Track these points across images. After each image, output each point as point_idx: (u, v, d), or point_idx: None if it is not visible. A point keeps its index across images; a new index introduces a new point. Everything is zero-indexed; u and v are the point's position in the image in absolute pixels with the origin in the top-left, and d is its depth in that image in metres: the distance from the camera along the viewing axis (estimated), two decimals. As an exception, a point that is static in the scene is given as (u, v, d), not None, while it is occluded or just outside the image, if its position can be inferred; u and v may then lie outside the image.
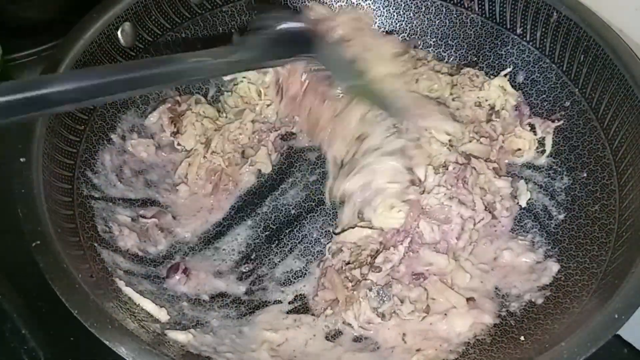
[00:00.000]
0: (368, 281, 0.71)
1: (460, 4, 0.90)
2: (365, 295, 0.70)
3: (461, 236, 0.75)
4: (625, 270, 0.61)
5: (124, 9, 0.80)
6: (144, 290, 0.70)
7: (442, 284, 0.73)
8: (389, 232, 0.75)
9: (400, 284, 0.72)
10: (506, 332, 0.69)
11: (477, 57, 0.90)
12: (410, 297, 0.72)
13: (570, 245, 0.75)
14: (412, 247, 0.75)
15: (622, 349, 0.75)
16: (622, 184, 0.72)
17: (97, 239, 0.70)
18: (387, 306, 0.70)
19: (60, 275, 0.58)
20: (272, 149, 0.87)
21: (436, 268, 0.74)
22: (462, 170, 0.77)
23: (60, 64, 0.74)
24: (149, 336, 0.61)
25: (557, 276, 0.73)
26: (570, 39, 0.80)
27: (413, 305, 0.71)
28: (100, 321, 0.55)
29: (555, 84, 0.83)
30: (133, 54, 0.83)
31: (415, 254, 0.75)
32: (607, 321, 0.57)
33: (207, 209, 0.81)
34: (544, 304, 0.70)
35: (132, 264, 0.73)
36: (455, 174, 0.77)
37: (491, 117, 0.86)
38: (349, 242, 0.77)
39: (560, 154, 0.82)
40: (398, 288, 0.72)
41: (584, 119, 0.79)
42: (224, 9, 0.91)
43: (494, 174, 0.80)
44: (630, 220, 0.68)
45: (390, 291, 0.71)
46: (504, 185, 0.80)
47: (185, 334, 0.65)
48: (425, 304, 0.71)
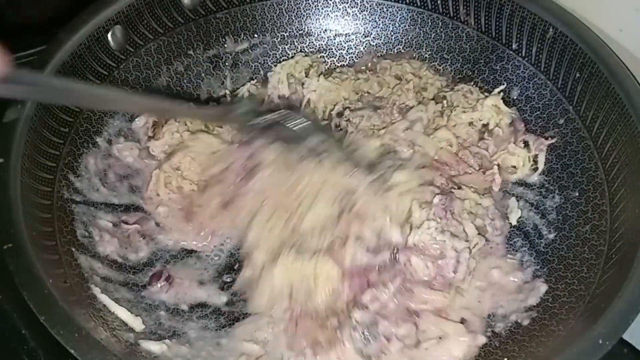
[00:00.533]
0: (352, 320, 0.67)
1: (456, 17, 0.89)
2: (349, 336, 0.66)
3: (458, 269, 0.72)
4: (613, 294, 0.60)
5: (116, 12, 0.80)
6: (121, 298, 0.69)
7: (436, 317, 0.69)
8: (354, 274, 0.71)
9: (387, 320, 0.68)
10: (490, 353, 0.67)
11: (472, 71, 0.89)
12: (398, 334, 0.67)
13: (559, 266, 0.73)
14: (405, 286, 0.70)
15: (622, 349, 0.73)
16: (613, 205, 0.70)
17: (75, 243, 0.69)
18: (374, 348, 0.66)
19: (29, 280, 0.57)
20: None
21: (432, 306, 0.70)
22: (448, 200, 0.75)
23: (46, 65, 0.73)
24: (119, 346, 0.59)
25: (544, 297, 0.71)
26: (566, 55, 0.79)
27: (402, 343, 0.67)
28: (67, 329, 0.54)
29: (550, 100, 0.82)
30: (123, 58, 0.82)
31: (409, 292, 0.70)
32: (592, 347, 0.55)
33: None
34: (529, 325, 0.68)
35: (111, 271, 0.71)
36: (443, 206, 0.74)
37: (483, 136, 0.85)
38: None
39: (553, 172, 0.81)
40: (384, 325, 0.67)
41: (577, 137, 0.78)
42: (218, 15, 0.90)
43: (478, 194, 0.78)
44: (620, 242, 0.66)
45: (376, 329, 0.66)
46: (490, 204, 0.78)
47: (159, 345, 0.64)
48: (415, 339, 0.67)
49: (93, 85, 0.77)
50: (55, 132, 0.73)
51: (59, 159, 0.73)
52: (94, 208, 0.75)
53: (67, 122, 0.75)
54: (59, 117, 0.73)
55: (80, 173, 0.75)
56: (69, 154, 0.74)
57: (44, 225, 0.66)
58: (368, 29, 0.94)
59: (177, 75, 0.89)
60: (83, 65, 0.77)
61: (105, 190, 0.78)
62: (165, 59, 0.87)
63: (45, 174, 0.70)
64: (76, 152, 0.76)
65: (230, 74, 0.93)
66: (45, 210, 0.68)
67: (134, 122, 0.84)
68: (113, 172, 0.80)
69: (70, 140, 0.75)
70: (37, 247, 0.61)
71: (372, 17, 0.94)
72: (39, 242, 0.62)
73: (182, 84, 0.90)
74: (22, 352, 0.71)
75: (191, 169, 0.81)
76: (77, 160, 0.75)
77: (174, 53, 0.88)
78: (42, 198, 0.68)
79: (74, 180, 0.74)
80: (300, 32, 0.94)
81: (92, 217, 0.74)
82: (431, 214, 0.74)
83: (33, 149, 0.68)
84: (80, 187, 0.75)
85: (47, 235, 0.65)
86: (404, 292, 0.70)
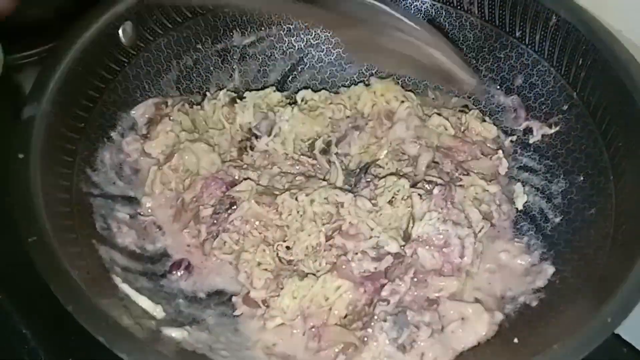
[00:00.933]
0: (379, 314, 0.68)
1: (459, 6, 0.90)
2: (380, 329, 0.68)
3: (464, 253, 0.73)
4: (620, 275, 0.61)
5: (126, 8, 0.81)
6: (141, 287, 0.70)
7: (453, 301, 0.72)
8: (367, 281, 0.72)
9: (412, 311, 0.70)
10: (499, 334, 0.69)
11: (476, 59, 0.90)
12: (424, 321, 0.69)
13: (566, 249, 0.75)
14: (418, 277, 0.72)
15: (621, 349, 0.75)
16: (618, 188, 0.71)
17: (94, 235, 0.71)
18: (406, 335, 0.67)
19: (56, 272, 0.58)
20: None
21: (447, 292, 0.72)
22: (447, 190, 0.76)
23: (60, 62, 0.74)
24: (143, 333, 0.61)
25: (552, 279, 0.73)
26: (569, 42, 0.80)
27: (430, 329, 0.68)
28: (95, 318, 0.56)
29: (554, 87, 0.83)
30: (134, 53, 0.83)
31: (423, 282, 0.72)
32: (601, 325, 0.57)
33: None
34: (538, 306, 0.70)
35: (130, 261, 0.73)
36: (443, 196, 0.75)
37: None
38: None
39: (558, 157, 0.82)
40: (410, 314, 0.69)
41: (581, 122, 0.79)
42: (226, 9, 0.91)
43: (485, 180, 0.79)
44: (626, 225, 0.68)
45: (405, 317, 0.68)
46: (496, 190, 0.79)
47: (180, 331, 0.66)
48: (439, 324, 0.70)
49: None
50: (71, 128, 0.74)
51: (76, 153, 0.74)
52: (111, 201, 0.77)
53: (82, 118, 0.76)
54: (75, 112, 0.75)
55: (97, 167, 0.77)
56: (85, 149, 0.75)
57: (65, 218, 0.67)
58: (372, 19, 0.95)
59: (186, 69, 0.90)
60: (95, 61, 0.78)
61: (122, 183, 0.79)
62: (175, 53, 0.88)
63: (63, 169, 0.71)
64: (92, 146, 0.77)
65: (239, 67, 0.94)
66: (65, 204, 0.69)
67: (133, 109, 0.84)
68: (128, 165, 0.82)
69: (85, 135, 0.76)
70: (59, 240, 0.62)
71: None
72: (61, 235, 0.63)
73: (191, 78, 0.91)
74: (22, 352, 0.73)
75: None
76: (94, 154, 0.77)
77: (183, 47, 0.89)
78: (61, 192, 0.69)
79: (91, 174, 0.75)
80: (306, 24, 0.95)
81: (109, 210, 0.76)
82: (432, 204, 0.75)
83: (51, 144, 0.70)
84: (98, 181, 0.76)
85: (68, 229, 0.67)
86: (418, 282, 0.72)
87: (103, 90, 0.79)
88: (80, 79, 0.75)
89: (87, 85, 0.77)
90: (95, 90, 0.78)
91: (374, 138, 0.86)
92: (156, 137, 0.84)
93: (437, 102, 0.93)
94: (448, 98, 0.93)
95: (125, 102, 0.83)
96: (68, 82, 0.73)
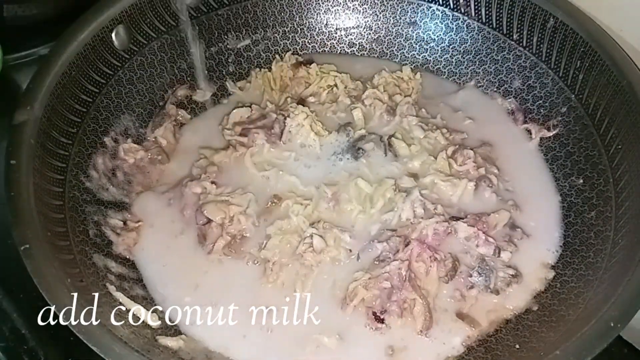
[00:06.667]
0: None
1: (457, 9, 0.89)
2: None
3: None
4: (621, 278, 0.61)
5: (119, 12, 0.80)
6: (135, 295, 0.69)
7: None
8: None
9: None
10: (501, 340, 0.68)
11: (474, 62, 0.90)
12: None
13: (566, 252, 0.74)
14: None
15: (622, 349, 0.74)
16: (618, 191, 0.71)
17: (88, 243, 0.70)
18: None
19: (48, 280, 0.57)
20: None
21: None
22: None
23: (52, 66, 0.73)
24: (138, 342, 0.60)
25: (552, 283, 0.72)
26: (567, 44, 0.79)
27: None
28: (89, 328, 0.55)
29: (552, 89, 0.83)
30: (127, 57, 0.82)
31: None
32: (603, 329, 0.57)
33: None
34: (539, 310, 0.69)
35: (124, 269, 0.72)
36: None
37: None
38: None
39: (557, 160, 0.81)
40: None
41: (580, 125, 0.79)
42: (220, 12, 0.90)
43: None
44: (626, 228, 0.67)
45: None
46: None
47: (176, 340, 0.65)
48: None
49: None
50: (63, 133, 0.73)
51: (68, 159, 0.73)
52: (104, 207, 0.75)
53: (74, 123, 0.75)
54: (67, 117, 0.74)
55: (90, 173, 0.76)
56: (77, 155, 0.74)
57: (57, 225, 0.66)
58: (369, 22, 0.95)
59: (180, 72, 0.89)
60: (88, 65, 0.77)
61: (115, 189, 0.78)
62: (169, 57, 0.87)
63: (55, 175, 0.70)
64: (85, 152, 0.76)
65: (233, 70, 0.93)
66: (58, 211, 0.68)
67: (153, 132, 0.85)
68: (122, 171, 0.80)
69: (78, 140, 0.75)
70: (52, 247, 0.61)
71: (372, 11, 0.94)
72: (54, 243, 0.62)
73: (185, 81, 0.90)
74: (22, 352, 0.72)
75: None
76: (86, 160, 0.76)
77: (177, 51, 0.88)
78: (54, 199, 0.68)
79: (84, 180, 0.74)
80: (301, 27, 0.95)
81: (102, 216, 0.74)
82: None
83: (43, 150, 0.69)
84: (90, 187, 0.75)
85: (61, 236, 0.66)
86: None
87: (96, 94, 0.78)
88: (72, 83, 0.74)
89: (79, 89, 0.76)
90: (88, 95, 0.77)
91: None
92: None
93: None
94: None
95: (118, 106, 0.82)
96: (60, 86, 0.72)
